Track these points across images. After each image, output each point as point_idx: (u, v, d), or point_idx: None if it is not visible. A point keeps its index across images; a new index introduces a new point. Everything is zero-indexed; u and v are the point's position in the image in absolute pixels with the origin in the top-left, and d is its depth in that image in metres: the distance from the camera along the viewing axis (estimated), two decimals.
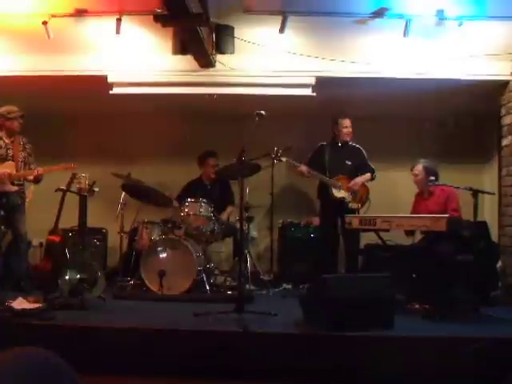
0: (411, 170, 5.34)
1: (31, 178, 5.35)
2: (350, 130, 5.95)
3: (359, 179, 5.95)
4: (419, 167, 5.26)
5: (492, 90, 5.86)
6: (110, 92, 5.80)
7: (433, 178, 5.12)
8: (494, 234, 5.77)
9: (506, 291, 5.34)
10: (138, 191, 5.84)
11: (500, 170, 6.04)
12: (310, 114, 6.54)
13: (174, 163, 6.97)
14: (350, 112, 6.04)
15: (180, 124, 6.93)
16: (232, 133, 6.38)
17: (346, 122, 5.94)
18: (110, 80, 5.70)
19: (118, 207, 5.90)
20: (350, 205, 5.83)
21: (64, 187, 4.98)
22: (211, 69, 5.62)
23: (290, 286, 6.09)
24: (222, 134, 6.74)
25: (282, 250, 6.55)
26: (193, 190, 6.24)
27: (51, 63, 5.57)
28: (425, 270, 4.65)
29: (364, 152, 6.06)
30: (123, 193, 5.91)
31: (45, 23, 5.03)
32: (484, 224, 5.14)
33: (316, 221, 6.42)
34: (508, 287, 5.39)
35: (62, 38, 5.26)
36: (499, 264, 5.39)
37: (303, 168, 5.83)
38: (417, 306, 4.71)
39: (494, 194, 5.26)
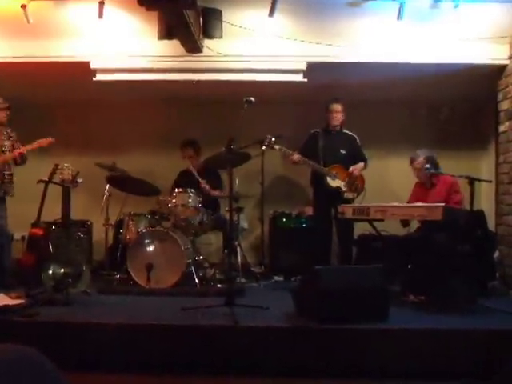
0: (410, 163, 5.30)
1: (16, 158, 5.30)
2: (340, 115, 5.93)
3: (356, 170, 5.93)
4: (420, 160, 5.22)
5: (489, 75, 5.87)
6: (94, 79, 5.77)
7: (428, 165, 5.12)
8: (491, 224, 5.81)
9: (504, 282, 5.38)
10: (123, 182, 5.82)
11: (497, 156, 6.07)
12: (302, 101, 6.54)
13: (161, 152, 6.94)
14: (342, 98, 6.01)
15: (167, 112, 6.89)
16: (220, 120, 6.39)
17: (336, 107, 5.92)
18: (92, 66, 5.66)
19: (102, 199, 5.87)
20: (346, 195, 5.83)
21: (46, 178, 4.95)
22: (198, 54, 5.59)
23: (281, 279, 6.11)
24: (210, 121, 6.73)
25: (274, 241, 6.54)
26: (182, 180, 6.23)
27: (31, 49, 5.53)
28: (420, 260, 4.70)
29: (358, 140, 6.05)
30: (108, 184, 5.88)
31: (23, 7, 4.99)
32: (481, 213, 5.16)
33: (309, 210, 6.40)
34: (505, 277, 5.43)
35: (41, 23, 5.22)
36: (496, 254, 5.42)
37: (296, 157, 5.82)
38: (412, 298, 4.74)
39: (490, 181, 5.28)
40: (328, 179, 5.84)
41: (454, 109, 6.92)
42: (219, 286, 5.36)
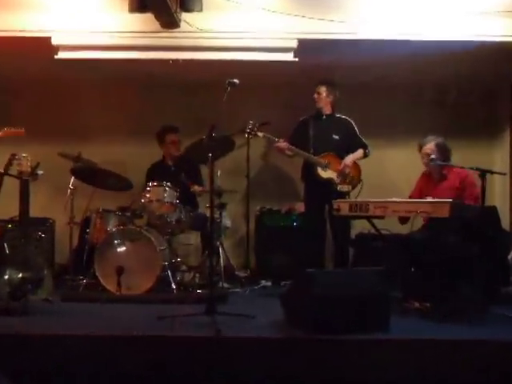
0: (419, 151, 5.29)
1: None
2: (323, 97, 5.98)
3: (350, 158, 5.96)
4: (431, 145, 5.22)
5: (503, 53, 5.87)
6: (56, 57, 5.70)
7: (434, 156, 5.12)
8: (505, 221, 5.83)
9: None
10: (90, 174, 5.78)
11: None
12: (292, 83, 6.54)
13: (133, 141, 6.93)
14: (335, 80, 6.07)
15: (140, 95, 6.89)
16: (200, 105, 6.41)
17: (318, 89, 5.99)
18: (54, 42, 5.59)
19: (66, 193, 5.83)
20: (339, 187, 5.86)
21: (1, 170, 4.89)
22: (175, 29, 5.54)
23: (269, 283, 6.13)
24: (188, 106, 6.74)
25: (260, 241, 6.57)
26: (156, 174, 6.22)
27: None
28: (425, 262, 4.70)
29: (353, 124, 6.08)
30: (73, 176, 5.84)
31: None
32: (493, 209, 5.17)
33: (300, 207, 6.42)
34: None
35: None
36: (511, 255, 5.45)
37: (281, 144, 5.83)
38: (416, 305, 4.74)
39: (504, 174, 5.29)
40: (318, 169, 5.88)
41: (463, 92, 6.96)
42: (199, 291, 5.36)
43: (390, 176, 6.88)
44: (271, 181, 7.01)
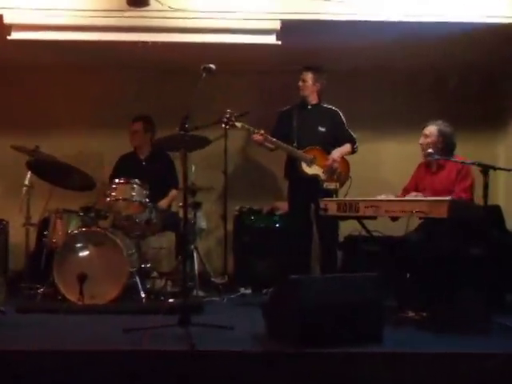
0: (423, 129, 5.31)
1: None
2: (308, 85, 6.00)
3: (337, 152, 5.97)
4: (432, 128, 5.25)
5: (509, 36, 5.88)
6: (8, 37, 5.64)
7: (431, 150, 5.13)
8: (510, 222, 5.85)
9: None
10: (49, 170, 5.73)
11: None
12: (275, 70, 6.54)
13: (98, 133, 6.92)
14: (322, 66, 6.06)
15: (106, 82, 6.84)
16: (173, 93, 6.36)
17: (303, 76, 6.01)
18: (6, 21, 5.52)
19: (22, 191, 5.75)
20: (326, 185, 5.86)
21: None
22: (144, 8, 5.51)
23: (249, 291, 6.12)
24: (159, 94, 6.74)
25: (239, 244, 6.57)
26: (125, 167, 6.22)
27: None
28: (422, 267, 4.72)
29: (341, 115, 6.09)
30: (29, 172, 5.77)
31: None
32: (497, 209, 5.22)
33: (283, 207, 6.42)
34: None
35: None
36: None
37: (259, 136, 5.85)
38: (412, 314, 4.74)
39: (510, 170, 5.28)
40: (303, 165, 5.88)
41: (464, 80, 7.01)
42: (171, 300, 5.34)
43: (382, 172, 6.93)
44: (251, 177, 7.02)
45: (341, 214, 5.00)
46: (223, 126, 5.89)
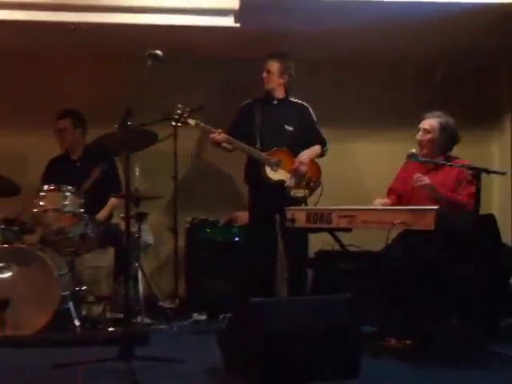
0: (419, 122, 5.31)
1: None
2: (274, 77, 5.99)
3: (306, 154, 5.97)
4: (433, 122, 5.25)
5: (503, 20, 5.92)
6: None
7: (413, 151, 5.13)
8: (507, 233, 5.90)
9: None
10: None
11: None
12: (233, 58, 6.58)
13: (21, 131, 6.84)
14: (288, 53, 6.04)
15: (31, 71, 6.78)
16: (113, 84, 6.31)
17: (269, 65, 5.99)
18: None
19: None
20: (293, 192, 5.84)
21: None
22: None
23: (203, 317, 6.10)
24: (97, 85, 6.69)
25: (192, 261, 6.56)
26: (55, 172, 6.18)
27: None
28: (405, 287, 4.72)
29: (311, 112, 6.10)
30: None
31: None
32: (491, 219, 5.22)
33: (243, 217, 6.44)
34: None
35: None
36: None
37: (219, 136, 5.82)
38: (394, 342, 4.74)
39: (504, 173, 5.32)
40: (267, 169, 5.87)
41: (454, 69, 7.10)
42: (111, 329, 5.32)
43: (359, 177, 6.98)
44: (206, 183, 7.02)
45: (311, 225, 4.99)
46: (173, 123, 5.88)
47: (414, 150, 5.14)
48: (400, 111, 6.63)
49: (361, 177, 6.93)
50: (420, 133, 5.28)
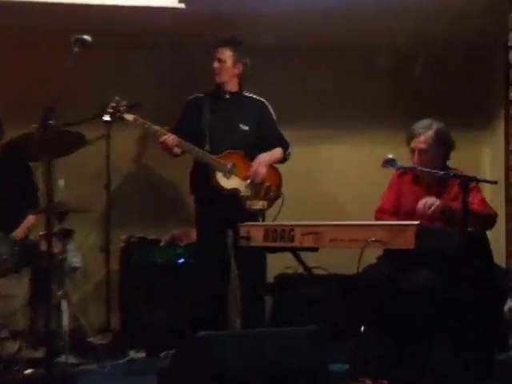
0: (408, 143, 5.29)
1: None
2: (227, 66, 5.99)
3: (265, 158, 5.99)
4: (427, 137, 5.24)
5: (494, 6, 6.00)
6: None
7: (390, 156, 5.14)
8: (499, 254, 5.93)
9: None
10: None
11: (508, 138, 6.33)
12: (178, 45, 6.64)
13: None
14: (242, 39, 6.08)
15: None
16: (30, 75, 6.24)
17: (221, 53, 6.00)
18: None
19: None
20: (249, 203, 5.84)
21: None
22: None
23: (141, 355, 6.10)
24: (10, 77, 6.59)
25: (128, 288, 6.53)
26: None
27: None
28: (382, 317, 4.75)
29: (270, 109, 6.14)
30: None
31: None
32: (481, 236, 5.24)
33: (189, 235, 6.46)
34: None
35: None
36: (509, 305, 5.56)
37: (170, 138, 5.79)
38: (369, 383, 4.74)
39: (495, 183, 5.37)
40: (218, 176, 5.87)
41: (437, 61, 7.16)
42: (29, 371, 5.24)
43: (327, 187, 6.99)
44: (145, 194, 7.01)
45: (269, 243, 4.96)
46: (105, 118, 5.80)
47: (390, 156, 5.16)
48: (373, 108, 6.65)
49: (330, 186, 6.94)
50: (416, 155, 5.26)
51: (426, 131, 5.25)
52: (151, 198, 7.00)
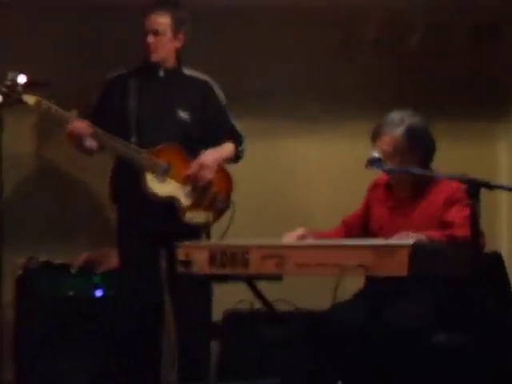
0: (373, 140, 5.23)
1: None
2: (165, 39, 6.00)
3: (210, 155, 5.94)
4: (394, 136, 5.16)
5: None
6: None
7: (376, 155, 5.04)
8: None
9: None
10: None
11: None
12: (95, 6, 6.65)
13: None
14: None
15: None
16: None
17: (153, 23, 5.98)
18: None
19: None
20: (190, 216, 5.87)
21: None
22: None
23: None
24: None
25: (26, 332, 6.40)
26: None
27: None
28: (363, 365, 4.70)
29: (217, 91, 6.17)
30: None
31: None
32: (495, 258, 5.18)
33: (109, 258, 6.36)
34: None
35: None
36: None
37: (78, 126, 5.71)
38: None
39: None
40: (149, 178, 5.77)
41: (439, 35, 7.18)
42: None
43: (293, 193, 6.93)
44: (50, 201, 6.92)
45: (216, 270, 4.87)
46: None
47: (376, 155, 5.04)
48: (355, 95, 6.59)
49: (296, 193, 6.91)
50: (380, 143, 5.22)
51: (392, 129, 5.17)
52: (58, 209, 6.91)
